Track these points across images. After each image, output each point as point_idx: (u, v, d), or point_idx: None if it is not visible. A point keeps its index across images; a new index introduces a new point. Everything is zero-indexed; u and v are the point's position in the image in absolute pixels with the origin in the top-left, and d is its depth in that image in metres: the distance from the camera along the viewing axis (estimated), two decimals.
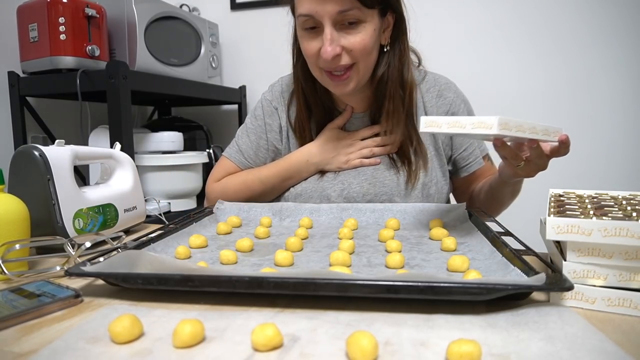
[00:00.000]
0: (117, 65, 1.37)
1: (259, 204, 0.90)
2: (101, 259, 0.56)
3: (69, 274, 0.51)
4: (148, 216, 0.99)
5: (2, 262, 0.57)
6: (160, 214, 1.28)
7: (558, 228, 0.46)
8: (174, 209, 1.64)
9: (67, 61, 1.40)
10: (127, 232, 0.87)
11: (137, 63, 1.51)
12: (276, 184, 0.97)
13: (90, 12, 1.41)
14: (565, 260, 0.48)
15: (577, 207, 0.52)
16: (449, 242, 0.64)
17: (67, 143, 0.78)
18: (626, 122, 1.70)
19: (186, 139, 1.75)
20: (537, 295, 0.49)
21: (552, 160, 0.69)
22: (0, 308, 0.45)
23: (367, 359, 0.34)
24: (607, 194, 0.61)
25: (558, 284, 0.43)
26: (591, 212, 0.49)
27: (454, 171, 1.01)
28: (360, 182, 0.94)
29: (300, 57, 0.93)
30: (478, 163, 0.99)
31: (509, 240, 0.61)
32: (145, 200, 0.95)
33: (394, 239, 0.66)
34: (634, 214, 0.48)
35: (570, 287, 0.43)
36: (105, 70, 1.37)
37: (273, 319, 0.43)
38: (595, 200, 0.57)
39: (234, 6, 2.07)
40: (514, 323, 0.41)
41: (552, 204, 0.55)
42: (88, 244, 0.63)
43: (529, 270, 0.48)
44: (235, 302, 0.48)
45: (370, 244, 0.69)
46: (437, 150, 0.97)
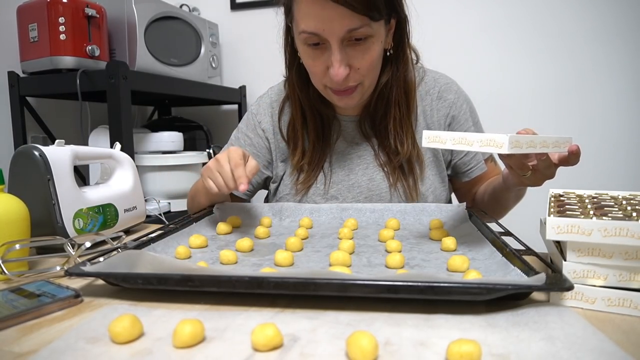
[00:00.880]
0: (117, 65, 1.37)
1: (259, 204, 0.90)
2: (101, 259, 0.56)
3: (69, 274, 0.51)
4: (148, 216, 0.99)
5: (2, 262, 0.57)
6: (160, 214, 1.28)
7: (558, 228, 0.46)
8: (174, 209, 1.64)
9: (67, 61, 1.40)
10: (127, 232, 0.87)
11: (137, 63, 1.52)
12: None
13: (90, 12, 1.41)
14: (565, 260, 0.48)
15: (577, 207, 0.52)
16: (449, 242, 0.64)
17: (67, 143, 0.78)
18: (626, 121, 1.70)
19: (186, 139, 1.75)
20: (537, 295, 0.49)
21: None
22: (0, 308, 0.45)
23: (367, 359, 0.34)
24: (607, 194, 0.61)
25: (558, 284, 0.43)
26: (591, 212, 0.49)
27: (454, 175, 0.98)
28: (355, 195, 0.92)
29: (295, 62, 0.89)
30: (480, 169, 0.95)
31: (509, 240, 0.60)
32: (145, 200, 0.95)
33: (394, 239, 0.66)
34: (634, 214, 0.48)
35: (570, 287, 0.43)
36: (105, 70, 1.37)
37: (273, 319, 0.43)
38: (595, 200, 0.57)
39: (234, 6, 2.07)
40: (514, 323, 0.41)
41: (552, 204, 0.55)
42: (88, 244, 0.63)
43: (529, 270, 0.48)
44: (235, 302, 0.48)
45: (370, 244, 0.69)
46: (435, 156, 0.93)
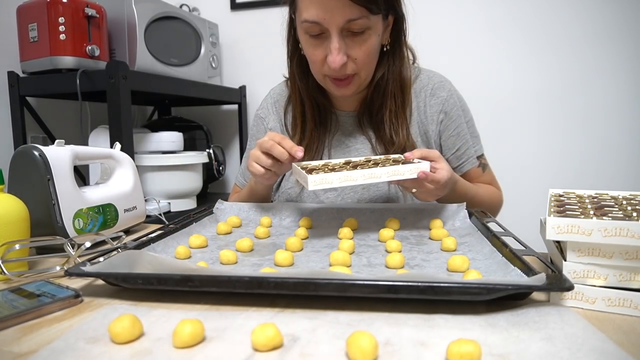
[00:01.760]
0: (117, 65, 1.37)
1: (259, 204, 0.90)
2: (101, 259, 0.56)
3: (69, 274, 0.51)
4: (148, 216, 0.99)
5: (2, 262, 0.57)
6: (160, 214, 1.28)
7: (558, 228, 0.46)
8: (174, 209, 1.64)
9: (67, 61, 1.40)
10: (127, 232, 0.87)
11: (137, 63, 1.51)
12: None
13: (90, 12, 1.41)
14: (565, 260, 0.48)
15: (577, 207, 0.52)
16: (449, 242, 0.64)
17: (67, 143, 0.78)
18: (627, 121, 1.69)
19: (186, 139, 1.75)
20: (537, 295, 0.49)
21: (551, 160, 0.69)
22: (0, 308, 0.45)
23: (367, 359, 0.34)
24: (607, 194, 0.61)
25: (558, 284, 0.43)
26: (591, 212, 0.49)
27: None
28: (354, 186, 0.94)
29: (296, 53, 0.93)
30: (470, 163, 0.98)
31: (509, 240, 0.61)
32: (145, 200, 0.95)
33: (394, 239, 0.66)
34: (634, 214, 0.48)
35: (570, 287, 0.43)
36: (105, 70, 1.37)
37: (273, 319, 0.43)
38: (595, 200, 0.57)
39: (234, 6, 2.07)
40: (514, 323, 0.41)
41: (552, 204, 0.55)
42: (88, 244, 0.63)
43: (529, 271, 0.48)
44: (235, 302, 0.48)
45: (370, 244, 0.69)
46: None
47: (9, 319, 0.44)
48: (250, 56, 2.09)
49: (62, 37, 1.37)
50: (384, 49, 0.89)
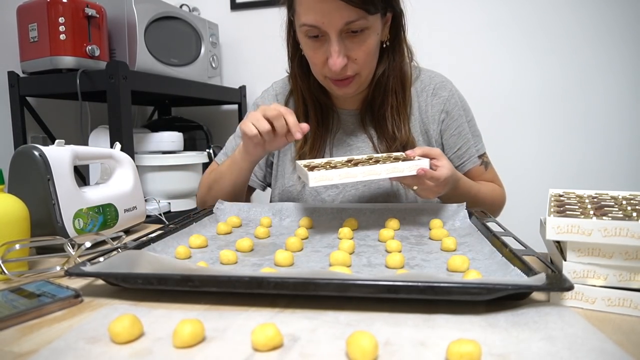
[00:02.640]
0: (117, 65, 1.37)
1: (259, 204, 0.90)
2: (101, 259, 0.56)
3: (69, 274, 0.51)
4: (148, 216, 0.99)
5: (2, 262, 0.57)
6: (160, 214, 1.28)
7: (558, 228, 0.46)
8: (174, 209, 1.64)
9: (67, 61, 1.40)
10: (127, 232, 0.87)
11: (137, 63, 1.52)
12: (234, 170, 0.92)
13: (90, 12, 1.41)
14: (565, 260, 0.48)
15: (577, 207, 0.52)
16: (449, 242, 0.64)
17: (67, 143, 0.78)
18: (627, 121, 1.70)
19: (186, 139, 1.75)
20: (537, 295, 0.49)
21: (551, 160, 0.70)
22: (0, 308, 0.45)
23: (367, 359, 0.34)
24: (607, 194, 0.61)
25: (558, 284, 0.43)
26: (591, 212, 0.49)
27: None
28: (355, 184, 0.94)
29: (297, 54, 0.93)
30: (472, 162, 0.98)
31: (509, 240, 0.61)
32: (145, 200, 0.95)
33: (394, 239, 0.66)
34: (634, 214, 0.48)
35: (570, 287, 0.43)
36: (105, 70, 1.37)
37: (273, 319, 0.43)
38: (595, 200, 0.57)
39: (234, 6, 2.07)
40: (514, 323, 0.41)
41: (552, 204, 0.55)
42: (88, 244, 0.63)
43: (529, 270, 0.48)
44: (235, 302, 0.48)
45: (370, 244, 0.69)
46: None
47: (9, 319, 0.44)
48: (250, 56, 2.09)
49: (62, 37, 1.37)
50: (384, 45, 0.90)
